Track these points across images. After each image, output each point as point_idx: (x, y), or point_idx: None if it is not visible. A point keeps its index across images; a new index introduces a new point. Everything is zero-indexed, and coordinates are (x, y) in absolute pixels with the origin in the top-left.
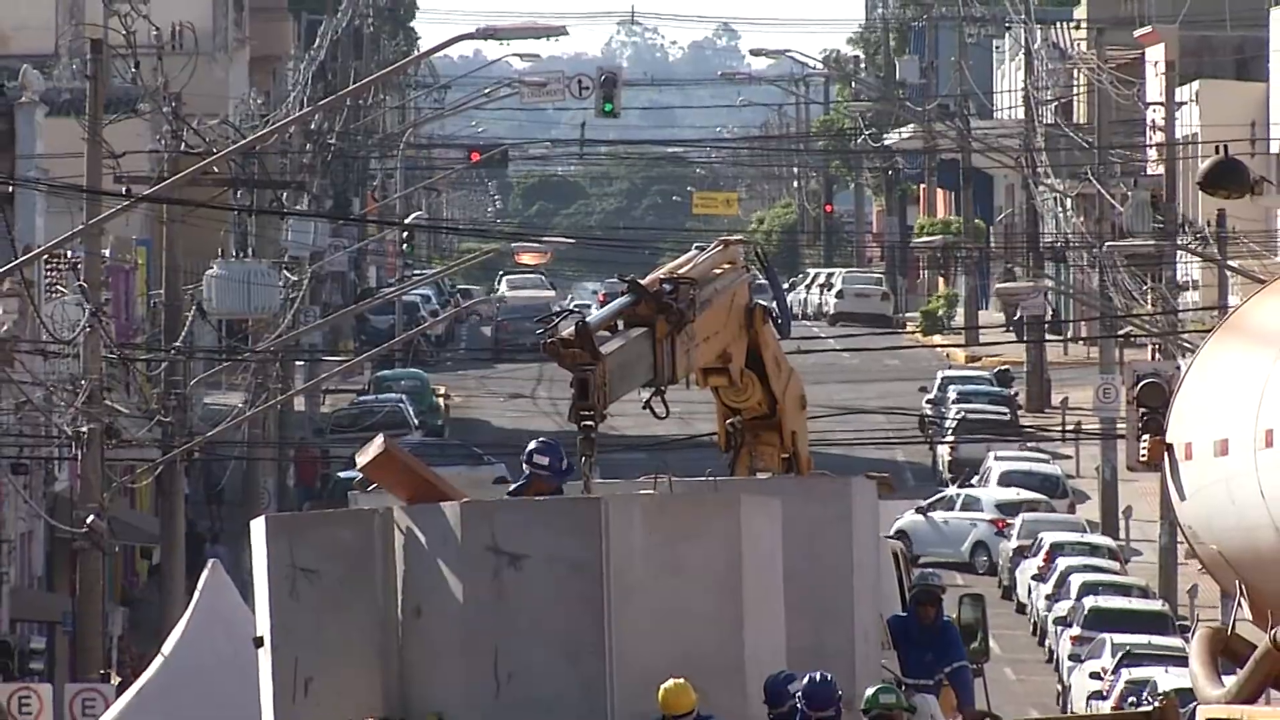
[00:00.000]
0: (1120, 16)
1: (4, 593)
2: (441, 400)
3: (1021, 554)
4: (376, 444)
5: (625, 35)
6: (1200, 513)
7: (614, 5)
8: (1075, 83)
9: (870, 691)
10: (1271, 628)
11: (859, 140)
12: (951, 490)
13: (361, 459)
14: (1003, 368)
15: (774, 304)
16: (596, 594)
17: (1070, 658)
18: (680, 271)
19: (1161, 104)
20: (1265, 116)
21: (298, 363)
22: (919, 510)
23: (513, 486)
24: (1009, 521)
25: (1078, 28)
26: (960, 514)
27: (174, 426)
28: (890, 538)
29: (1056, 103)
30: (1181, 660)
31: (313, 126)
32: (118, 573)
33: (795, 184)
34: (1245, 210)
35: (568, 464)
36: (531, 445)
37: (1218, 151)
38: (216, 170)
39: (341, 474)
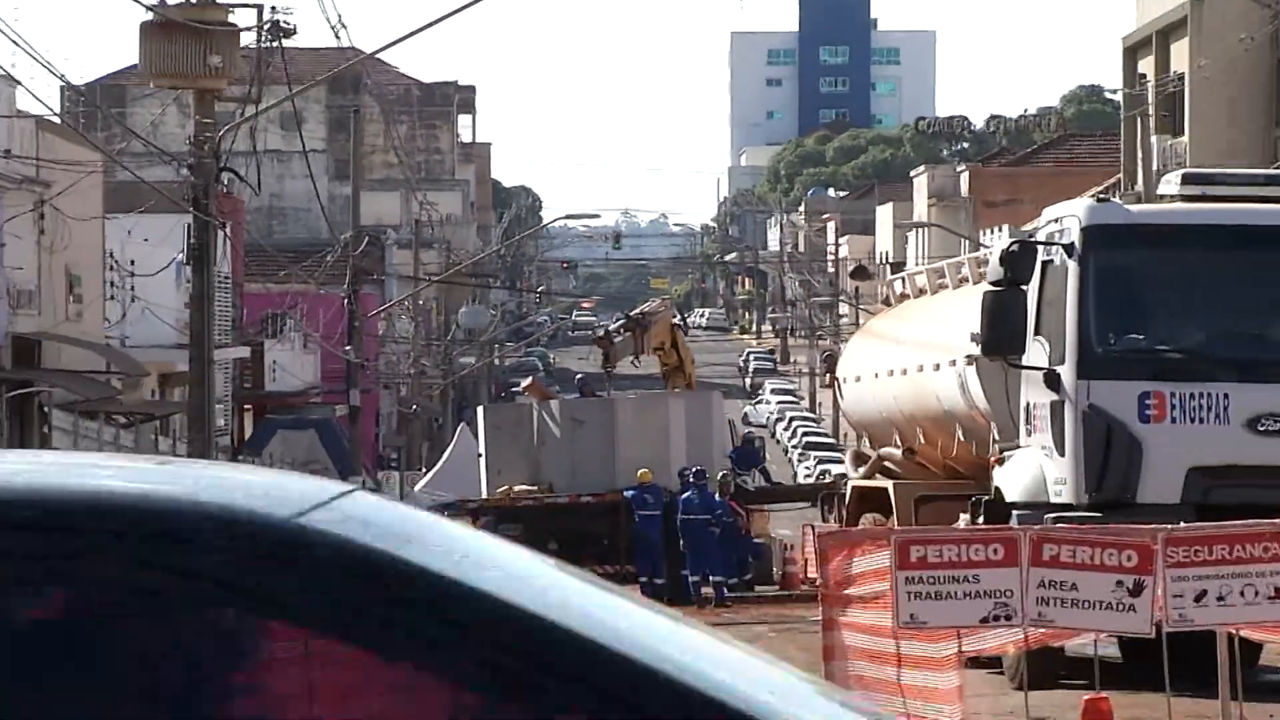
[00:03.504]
0: (818, 210)
1: (380, 436)
2: (552, 360)
3: (779, 420)
4: (528, 380)
5: (624, 217)
6: (849, 404)
7: (618, 205)
8: (800, 236)
9: (720, 474)
10: (875, 447)
11: (715, 259)
12: (764, 396)
13: (523, 384)
14: (771, 347)
15: (683, 322)
16: (611, 435)
17: (801, 465)
18: (644, 310)
19: (834, 245)
20: (874, 249)
21: (495, 345)
22: (752, 404)
23: (577, 392)
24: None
25: (801, 215)
26: (764, 405)
27: (447, 371)
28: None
29: (791, 244)
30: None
31: (500, 253)
32: (424, 428)
33: (690, 277)
34: (869, 286)
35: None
36: (579, 378)
37: (858, 263)
38: (463, 269)
39: (513, 389)
